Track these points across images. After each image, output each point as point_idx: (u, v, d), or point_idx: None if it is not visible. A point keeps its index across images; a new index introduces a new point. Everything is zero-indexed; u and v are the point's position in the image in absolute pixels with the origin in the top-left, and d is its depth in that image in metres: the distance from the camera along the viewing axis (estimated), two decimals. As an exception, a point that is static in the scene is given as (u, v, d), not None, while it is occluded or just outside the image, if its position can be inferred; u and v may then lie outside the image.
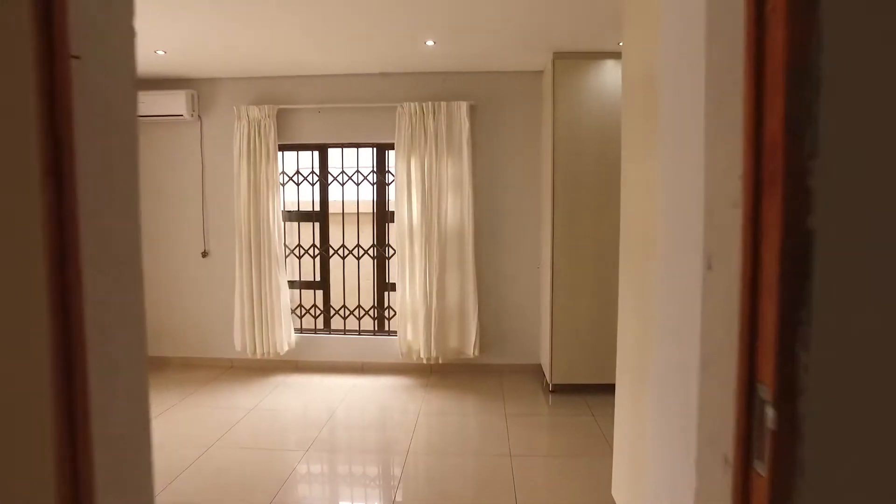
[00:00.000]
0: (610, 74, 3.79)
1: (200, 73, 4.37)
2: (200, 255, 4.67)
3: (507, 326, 4.53)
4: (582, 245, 3.88)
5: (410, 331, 4.48)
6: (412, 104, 4.26)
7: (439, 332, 4.38)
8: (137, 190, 0.73)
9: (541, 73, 4.34)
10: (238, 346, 4.52)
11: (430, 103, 4.25)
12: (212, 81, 4.53)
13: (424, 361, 4.41)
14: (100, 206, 0.66)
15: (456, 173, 4.33)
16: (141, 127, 4.71)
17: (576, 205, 3.87)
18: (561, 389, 4.08)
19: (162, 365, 4.75)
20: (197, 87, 4.53)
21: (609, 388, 4.08)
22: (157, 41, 3.60)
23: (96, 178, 0.65)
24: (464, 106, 4.25)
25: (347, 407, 3.87)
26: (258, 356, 4.50)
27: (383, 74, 4.41)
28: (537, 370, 4.52)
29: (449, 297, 4.41)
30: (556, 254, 3.89)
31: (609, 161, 3.82)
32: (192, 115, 4.44)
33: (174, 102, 4.35)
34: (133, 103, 0.74)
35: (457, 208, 4.35)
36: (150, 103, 4.36)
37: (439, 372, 4.57)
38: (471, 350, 4.41)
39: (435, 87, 4.39)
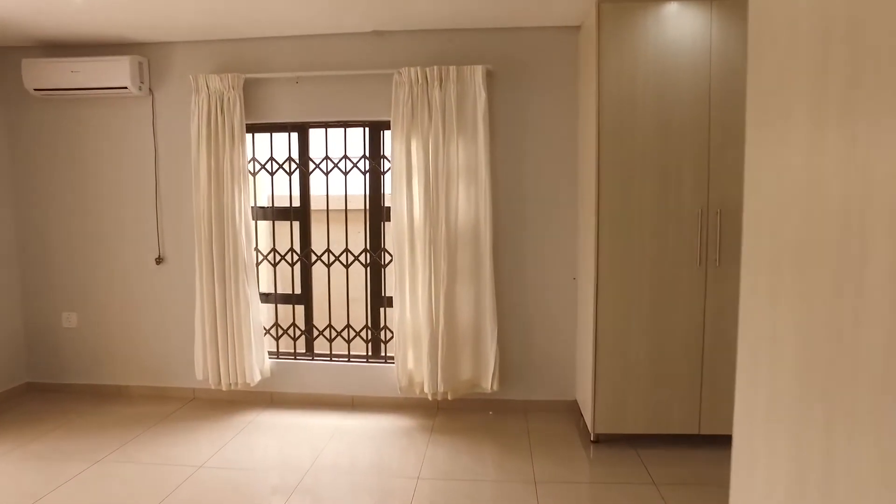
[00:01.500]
0: (674, 22, 2.82)
1: (149, 34, 3.49)
2: (154, 262, 3.79)
3: (534, 354, 3.58)
4: (637, 250, 2.92)
5: (412, 357, 3.55)
6: (413, 70, 3.32)
7: (448, 360, 3.44)
8: None
9: (578, 28, 3.38)
10: (199, 375, 3.64)
11: (435, 68, 3.32)
12: (165, 46, 3.64)
13: (429, 397, 3.48)
14: None
15: (469, 157, 3.39)
16: (77, 104, 3.77)
17: (628, 198, 2.90)
18: (606, 440, 3.12)
19: (114, 396, 3.90)
20: (146, 53, 3.65)
21: (673, 441, 3.02)
22: (72, -18, 2.72)
23: None
24: (479, 71, 3.31)
25: (328, 462, 2.96)
26: (223, 387, 3.61)
27: (377, 33, 3.48)
28: (572, 409, 3.56)
29: (460, 315, 3.47)
30: (601, 261, 2.93)
31: (676, 141, 2.85)
32: (140, 89, 3.55)
33: (116, 72, 3.47)
34: None
35: (470, 203, 3.41)
36: (87, 73, 3.49)
37: (448, 410, 3.63)
38: (488, 383, 3.47)
39: (442, 47, 3.45)
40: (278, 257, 3.79)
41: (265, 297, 3.80)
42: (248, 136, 3.64)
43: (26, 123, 3.81)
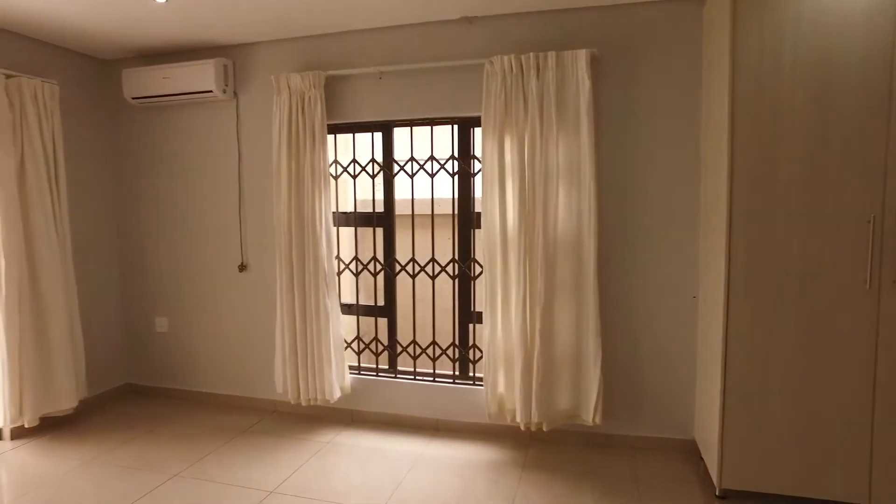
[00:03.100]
0: (836, -19, 2.22)
1: (233, 35, 3.38)
2: (237, 269, 3.70)
3: (645, 383, 3.08)
4: (779, 265, 2.35)
5: (502, 380, 3.18)
6: (506, 58, 2.95)
7: (544, 386, 3.03)
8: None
9: (702, 0, 2.84)
10: (279, 388, 3.48)
11: (531, 55, 2.92)
12: (248, 47, 3.53)
13: (521, 426, 3.08)
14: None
15: (571, 156, 2.96)
16: (168, 110, 3.66)
17: (770, 202, 2.34)
18: (737, 497, 2.56)
19: (201, 402, 3.86)
20: (231, 56, 3.55)
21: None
22: (151, -19, 2.62)
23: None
24: (582, 56, 2.87)
25: (407, 496, 2.65)
26: (303, 402, 3.43)
27: (466, 19, 3.14)
28: (690, 450, 3.02)
29: (559, 335, 3.05)
30: (732, 277, 2.40)
31: (838, 134, 2.25)
32: (224, 92, 3.46)
33: (201, 76, 3.40)
34: None
35: (572, 208, 2.98)
36: (176, 79, 3.45)
37: (542, 443, 3.21)
38: (589, 415, 3.01)
39: (539, 31, 3.05)
40: (360, 266, 3.56)
41: (347, 309, 3.58)
42: (330, 138, 3.43)
43: (126, 133, 3.87)
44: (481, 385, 3.31)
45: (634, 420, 3.10)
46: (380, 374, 3.57)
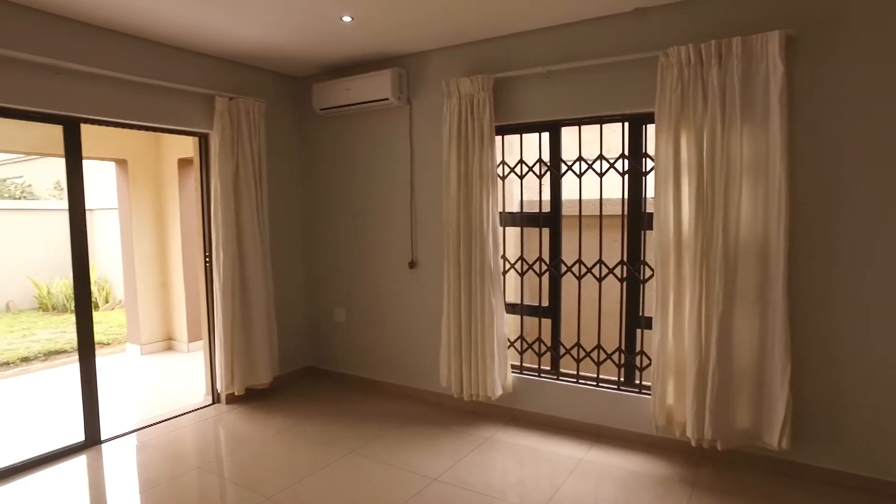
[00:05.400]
0: None
1: (406, 45, 3.59)
2: (408, 266, 3.93)
3: (848, 409, 2.67)
4: None
5: (672, 391, 2.98)
6: (683, 49, 2.76)
7: (719, 402, 2.78)
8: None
9: (937, -39, 2.40)
10: (443, 382, 3.63)
11: (713, 43, 2.69)
12: (420, 56, 3.73)
13: (692, 442, 2.87)
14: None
15: (757, 150, 2.68)
16: (349, 119, 4.04)
17: None
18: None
19: (371, 389, 4.18)
20: (405, 65, 3.79)
21: None
22: (342, 2, 2.88)
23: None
24: (774, 39, 2.57)
25: (566, 502, 2.61)
26: (465, 397, 3.54)
27: (638, 11, 3.00)
28: (909, 493, 2.56)
29: (738, 347, 2.78)
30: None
31: None
32: (398, 98, 3.70)
33: (379, 85, 3.67)
34: None
35: (757, 207, 2.70)
36: (356, 89, 3.78)
37: (716, 462, 2.95)
38: (774, 438, 2.70)
39: (721, 16, 2.80)
40: (526, 266, 3.58)
41: (511, 308, 3.62)
42: (497, 139, 3.50)
43: (313, 140, 4.33)
44: (648, 394, 3.14)
45: (832, 451, 2.71)
46: (542, 374, 3.55)
